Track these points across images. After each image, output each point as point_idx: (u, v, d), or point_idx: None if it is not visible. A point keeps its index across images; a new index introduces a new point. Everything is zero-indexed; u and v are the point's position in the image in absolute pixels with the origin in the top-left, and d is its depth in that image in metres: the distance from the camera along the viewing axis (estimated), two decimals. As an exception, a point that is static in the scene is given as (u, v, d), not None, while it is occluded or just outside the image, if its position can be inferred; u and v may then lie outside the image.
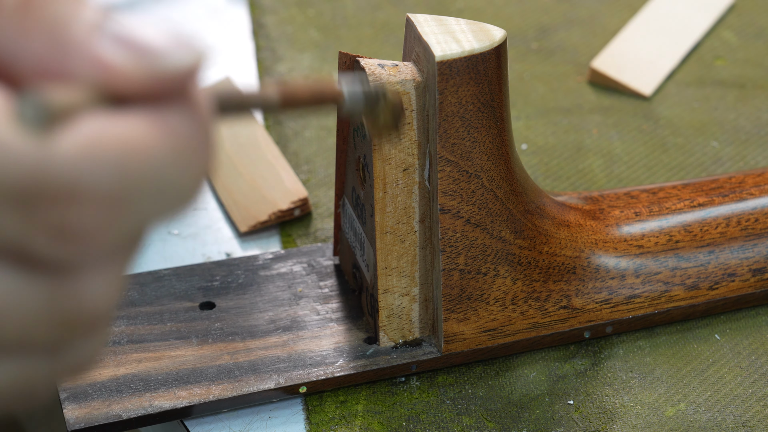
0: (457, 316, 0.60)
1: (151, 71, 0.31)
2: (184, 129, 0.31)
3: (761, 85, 0.82)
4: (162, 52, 0.31)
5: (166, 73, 0.31)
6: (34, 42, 0.31)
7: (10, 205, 0.29)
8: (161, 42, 0.31)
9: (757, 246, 0.65)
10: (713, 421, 0.59)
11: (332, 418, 0.59)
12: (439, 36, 0.56)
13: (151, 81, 0.31)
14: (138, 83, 0.31)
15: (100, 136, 0.30)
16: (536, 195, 0.61)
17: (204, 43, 0.32)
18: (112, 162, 0.30)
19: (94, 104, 0.30)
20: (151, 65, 0.31)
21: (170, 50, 0.31)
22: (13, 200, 0.29)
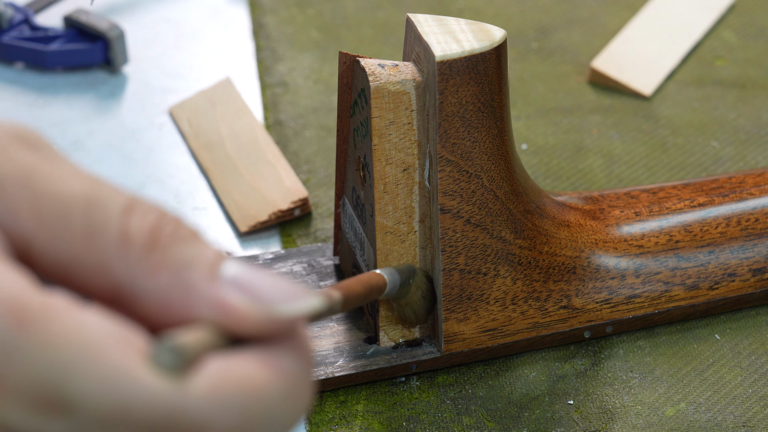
0: (457, 316, 0.60)
1: (268, 315, 0.34)
2: (294, 369, 0.34)
3: (761, 85, 0.82)
4: (277, 299, 0.34)
5: (281, 318, 0.34)
6: (159, 281, 0.34)
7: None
8: (275, 289, 0.34)
9: (758, 246, 0.65)
10: (713, 421, 0.59)
11: (332, 418, 0.59)
12: (440, 36, 0.56)
13: (268, 324, 0.34)
14: (255, 326, 0.34)
15: (226, 378, 0.33)
16: (536, 195, 0.61)
17: (311, 292, 0.35)
18: (237, 402, 0.33)
19: (217, 346, 0.33)
20: (268, 310, 0.34)
21: (284, 297, 0.34)
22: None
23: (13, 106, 0.80)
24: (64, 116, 0.80)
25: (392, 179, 0.58)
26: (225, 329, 0.33)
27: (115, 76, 0.83)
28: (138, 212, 0.34)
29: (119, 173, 0.75)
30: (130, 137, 0.78)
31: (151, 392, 0.32)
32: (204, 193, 0.74)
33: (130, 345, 0.32)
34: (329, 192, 0.73)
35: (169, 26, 0.88)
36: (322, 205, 0.72)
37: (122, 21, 0.87)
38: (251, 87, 0.82)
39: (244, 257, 0.67)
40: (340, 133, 0.62)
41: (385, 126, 0.57)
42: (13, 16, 0.83)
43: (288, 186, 0.72)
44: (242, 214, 0.71)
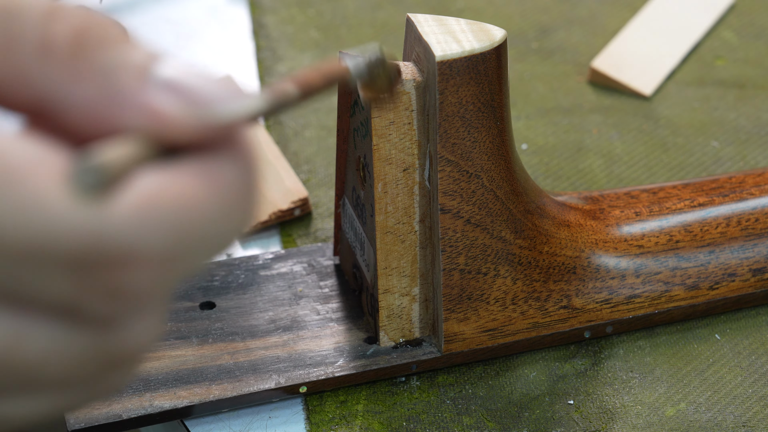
0: (458, 316, 0.60)
1: (203, 119, 0.31)
2: (234, 178, 0.31)
3: (761, 84, 0.82)
4: (213, 101, 0.31)
5: (217, 121, 0.31)
6: (84, 88, 0.31)
7: (64, 271, 0.30)
8: (211, 90, 0.31)
9: (758, 246, 0.65)
10: (713, 421, 0.59)
11: (332, 417, 0.59)
12: (440, 36, 0.56)
13: (202, 130, 0.31)
14: (189, 132, 0.31)
15: (156, 196, 0.30)
16: (536, 195, 0.61)
17: (254, 90, 0.31)
18: (168, 223, 0.30)
19: (147, 158, 0.30)
20: (203, 113, 0.31)
21: (221, 98, 0.31)
22: (67, 266, 0.29)
23: (13, 106, 0.80)
24: (64, 116, 0.79)
25: (392, 179, 0.58)
26: (157, 139, 0.30)
27: (115, 76, 0.83)
28: (60, 16, 0.31)
29: (119, 173, 0.75)
30: (130, 137, 0.78)
31: (70, 219, 0.29)
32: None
33: (48, 168, 0.29)
34: (329, 192, 0.73)
35: (169, 26, 0.88)
36: (322, 205, 0.72)
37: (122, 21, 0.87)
38: (251, 87, 0.82)
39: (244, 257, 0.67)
40: (340, 133, 0.62)
41: (385, 126, 0.57)
42: (13, 16, 0.83)
43: (288, 186, 0.72)
44: (242, 214, 0.71)
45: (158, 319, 0.32)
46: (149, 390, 0.58)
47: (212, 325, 0.62)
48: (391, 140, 0.57)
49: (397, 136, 0.57)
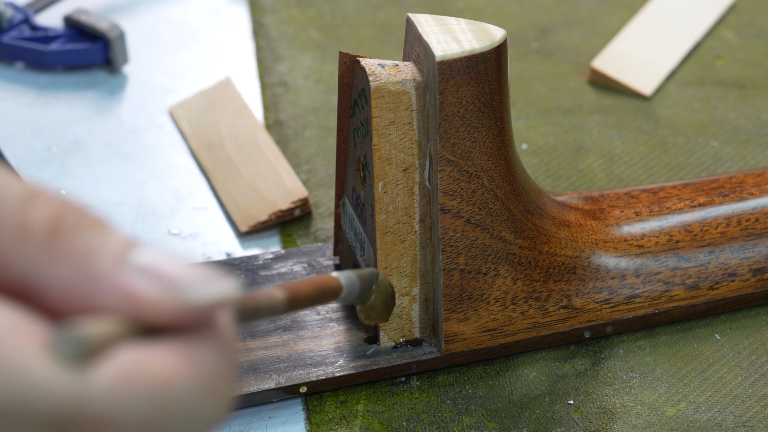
0: (458, 316, 0.60)
1: (179, 302, 0.32)
2: (212, 360, 0.32)
3: (761, 84, 0.82)
4: (188, 284, 0.32)
5: (193, 305, 0.32)
6: (62, 272, 0.32)
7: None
8: (187, 275, 0.32)
9: (758, 246, 0.65)
10: (713, 421, 0.59)
11: (332, 417, 0.59)
12: (440, 36, 0.56)
13: (179, 312, 0.32)
14: (166, 314, 0.32)
15: (134, 370, 0.31)
16: (536, 195, 0.61)
17: (230, 277, 0.33)
18: (145, 396, 0.31)
19: (125, 336, 0.31)
20: (179, 296, 0.32)
21: (196, 283, 0.32)
22: (45, 429, 0.30)
23: (13, 105, 0.80)
24: (64, 116, 0.80)
25: (392, 179, 0.58)
26: (135, 319, 0.31)
27: (115, 76, 0.83)
28: (38, 202, 0.32)
29: (119, 173, 0.75)
30: (130, 137, 0.78)
31: (49, 385, 0.30)
32: (204, 193, 0.74)
33: (27, 335, 0.30)
34: (329, 192, 0.73)
35: (170, 26, 0.88)
36: (322, 205, 0.72)
37: (122, 21, 0.87)
38: (251, 87, 0.82)
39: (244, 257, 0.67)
40: (340, 133, 0.62)
41: (385, 126, 0.57)
42: (13, 16, 0.83)
43: (288, 186, 0.72)
44: (242, 214, 0.71)
45: None
46: (149, 390, 0.58)
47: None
48: (391, 140, 0.57)
49: (397, 136, 0.57)
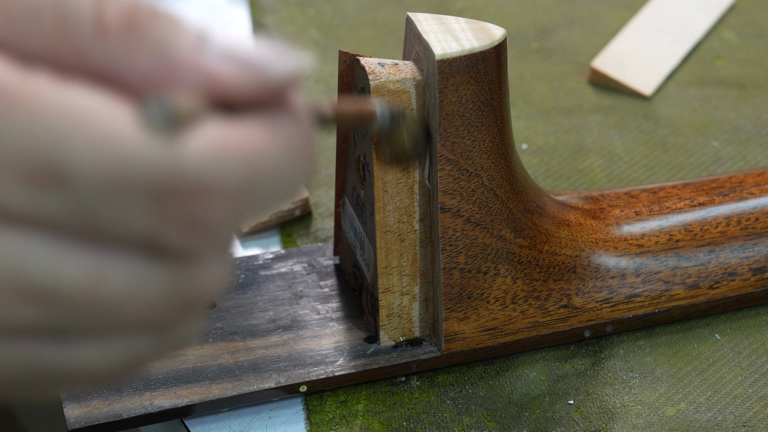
0: (458, 315, 0.60)
1: (258, 80, 0.34)
2: (292, 131, 0.34)
3: (762, 84, 0.82)
4: (266, 63, 0.34)
5: (271, 81, 0.34)
6: (141, 60, 0.34)
7: (144, 202, 0.32)
8: (264, 54, 0.34)
9: (758, 245, 0.65)
10: (713, 421, 0.59)
11: (332, 417, 0.59)
12: (439, 35, 0.56)
13: (258, 89, 0.34)
14: (246, 92, 0.34)
15: (226, 140, 0.33)
16: (536, 194, 0.61)
17: (301, 52, 0.35)
18: (238, 163, 0.33)
19: (210, 111, 0.33)
20: (257, 74, 0.34)
21: (273, 61, 0.34)
22: (147, 197, 0.32)
23: (13, 105, 0.80)
24: (64, 116, 0.79)
25: (392, 178, 0.58)
26: (215, 98, 0.33)
27: (115, 76, 0.83)
28: (111, 1, 0.34)
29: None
30: (130, 137, 0.78)
31: (146, 153, 0.32)
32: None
33: (119, 111, 0.32)
34: (329, 192, 0.73)
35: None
36: (322, 205, 0.72)
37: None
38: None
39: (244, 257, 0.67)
40: (339, 133, 0.62)
41: (385, 125, 0.57)
42: (13, 16, 0.83)
43: (288, 186, 0.72)
44: (242, 214, 0.71)
45: (227, 262, 0.35)
46: (149, 389, 0.58)
47: (212, 325, 0.62)
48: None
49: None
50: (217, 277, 0.35)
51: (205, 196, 0.33)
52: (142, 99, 0.33)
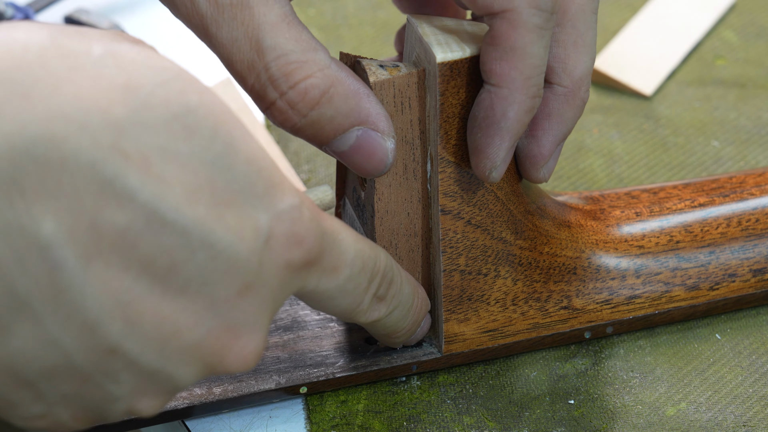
0: (458, 317, 0.60)
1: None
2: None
3: (762, 84, 0.82)
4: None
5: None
6: None
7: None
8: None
9: (758, 246, 0.65)
10: (714, 421, 0.59)
11: (333, 417, 0.59)
12: (440, 37, 0.56)
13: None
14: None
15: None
16: (537, 195, 0.61)
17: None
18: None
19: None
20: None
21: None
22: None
23: (13, 105, 0.80)
24: (64, 116, 0.79)
25: (393, 180, 0.58)
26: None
27: (115, 75, 0.83)
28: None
29: (120, 173, 0.75)
30: (131, 137, 0.78)
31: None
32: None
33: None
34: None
35: (170, 26, 0.88)
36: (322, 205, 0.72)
37: (123, 20, 0.87)
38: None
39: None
40: None
41: (386, 127, 0.57)
42: (13, 16, 0.83)
43: (289, 186, 0.72)
44: (243, 214, 0.71)
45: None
46: (150, 390, 0.58)
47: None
48: None
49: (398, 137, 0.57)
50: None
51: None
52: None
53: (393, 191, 0.58)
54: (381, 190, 0.57)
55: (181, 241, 0.42)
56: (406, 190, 0.58)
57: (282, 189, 0.45)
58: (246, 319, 0.44)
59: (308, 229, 0.46)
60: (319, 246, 0.47)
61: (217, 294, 0.43)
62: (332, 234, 0.48)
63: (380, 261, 0.52)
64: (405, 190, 0.58)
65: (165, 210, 0.41)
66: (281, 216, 0.45)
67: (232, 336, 0.44)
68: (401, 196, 0.58)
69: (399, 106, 0.56)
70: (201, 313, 0.43)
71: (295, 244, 0.45)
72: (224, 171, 0.43)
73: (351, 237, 0.50)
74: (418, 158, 0.57)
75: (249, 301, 0.44)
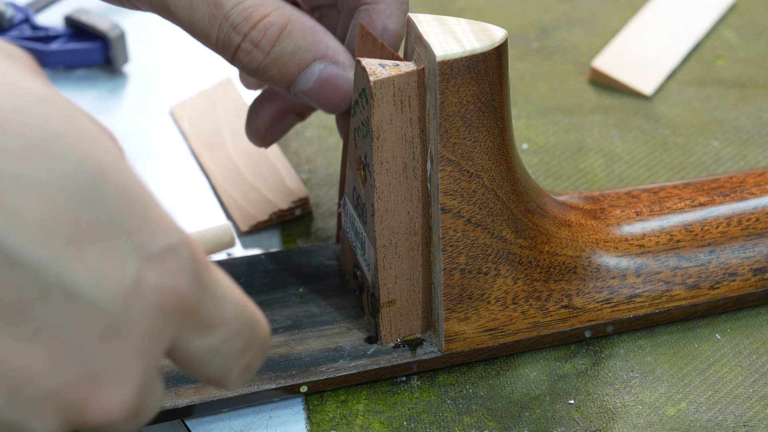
0: (458, 316, 0.60)
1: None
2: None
3: (762, 84, 0.82)
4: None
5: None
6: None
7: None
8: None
9: (758, 245, 0.65)
10: (714, 421, 0.59)
11: (333, 417, 0.59)
12: (440, 36, 0.56)
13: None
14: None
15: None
16: (537, 194, 0.61)
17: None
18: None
19: None
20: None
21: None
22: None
23: (13, 105, 0.80)
24: (64, 116, 0.79)
25: (393, 179, 0.58)
26: None
27: (115, 75, 0.83)
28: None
29: (120, 173, 0.75)
30: (131, 137, 0.78)
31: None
32: (204, 193, 0.74)
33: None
34: (330, 192, 0.73)
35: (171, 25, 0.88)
36: (322, 204, 0.72)
37: (123, 20, 0.87)
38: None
39: (244, 257, 0.67)
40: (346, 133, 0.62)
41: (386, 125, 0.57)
42: (13, 16, 0.83)
43: (289, 186, 0.72)
44: (243, 214, 0.71)
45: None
46: (150, 389, 0.58)
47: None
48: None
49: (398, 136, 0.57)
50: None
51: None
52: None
53: (393, 190, 0.58)
54: (381, 188, 0.57)
55: (32, 280, 0.38)
56: (406, 188, 0.58)
57: (158, 225, 0.40)
58: (111, 368, 0.39)
59: (183, 273, 0.41)
60: (195, 296, 0.42)
61: (75, 339, 0.39)
62: (213, 286, 0.43)
63: (260, 330, 0.45)
64: (405, 188, 0.58)
65: (15, 246, 0.37)
66: (153, 256, 0.40)
67: (94, 386, 0.39)
68: (401, 194, 0.58)
69: (399, 105, 0.56)
70: (57, 359, 0.39)
71: (167, 290, 0.40)
72: (90, 203, 0.39)
73: (234, 294, 0.44)
74: (417, 157, 0.57)
75: (115, 347, 0.39)
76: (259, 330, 0.45)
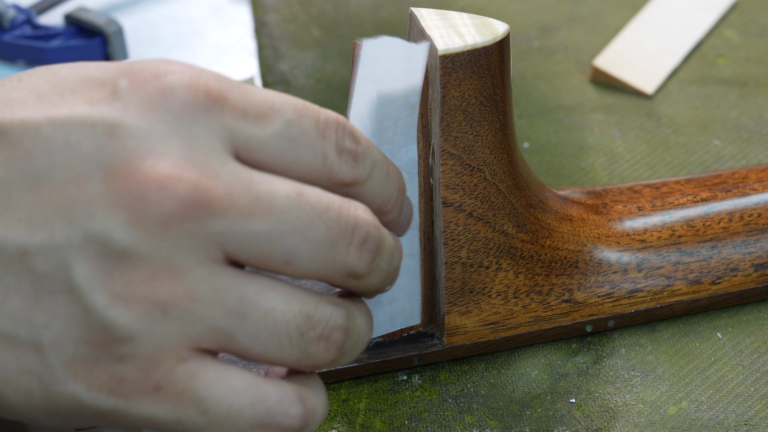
0: (460, 309, 0.60)
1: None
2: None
3: (763, 83, 0.82)
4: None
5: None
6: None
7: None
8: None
9: (760, 241, 0.65)
10: (715, 420, 0.59)
11: (334, 416, 0.59)
12: (442, 30, 0.56)
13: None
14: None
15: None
16: (539, 189, 0.61)
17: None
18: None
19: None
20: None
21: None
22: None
23: (14, 103, 0.80)
24: (65, 113, 0.79)
25: (394, 173, 0.58)
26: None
27: (116, 74, 0.83)
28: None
29: (120, 170, 0.75)
30: (132, 134, 0.78)
31: None
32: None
33: None
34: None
35: (171, 24, 0.88)
36: (323, 202, 0.72)
37: (124, 19, 0.87)
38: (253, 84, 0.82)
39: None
40: None
41: (388, 119, 0.57)
42: (15, 17, 0.83)
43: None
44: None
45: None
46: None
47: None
48: None
49: None
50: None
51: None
52: None
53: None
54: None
55: None
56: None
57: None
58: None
59: (201, 72, 0.42)
60: (218, 84, 0.42)
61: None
62: (228, 80, 0.42)
63: (321, 110, 0.43)
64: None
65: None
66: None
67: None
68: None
69: None
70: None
71: (188, 85, 0.42)
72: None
73: (266, 90, 0.43)
74: (419, 151, 0.57)
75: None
76: (321, 110, 0.44)
